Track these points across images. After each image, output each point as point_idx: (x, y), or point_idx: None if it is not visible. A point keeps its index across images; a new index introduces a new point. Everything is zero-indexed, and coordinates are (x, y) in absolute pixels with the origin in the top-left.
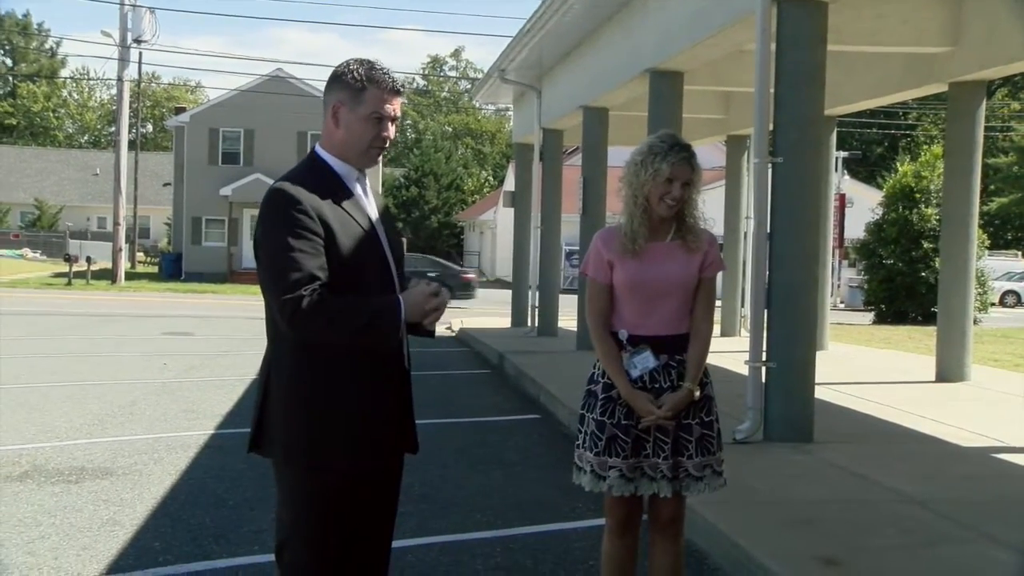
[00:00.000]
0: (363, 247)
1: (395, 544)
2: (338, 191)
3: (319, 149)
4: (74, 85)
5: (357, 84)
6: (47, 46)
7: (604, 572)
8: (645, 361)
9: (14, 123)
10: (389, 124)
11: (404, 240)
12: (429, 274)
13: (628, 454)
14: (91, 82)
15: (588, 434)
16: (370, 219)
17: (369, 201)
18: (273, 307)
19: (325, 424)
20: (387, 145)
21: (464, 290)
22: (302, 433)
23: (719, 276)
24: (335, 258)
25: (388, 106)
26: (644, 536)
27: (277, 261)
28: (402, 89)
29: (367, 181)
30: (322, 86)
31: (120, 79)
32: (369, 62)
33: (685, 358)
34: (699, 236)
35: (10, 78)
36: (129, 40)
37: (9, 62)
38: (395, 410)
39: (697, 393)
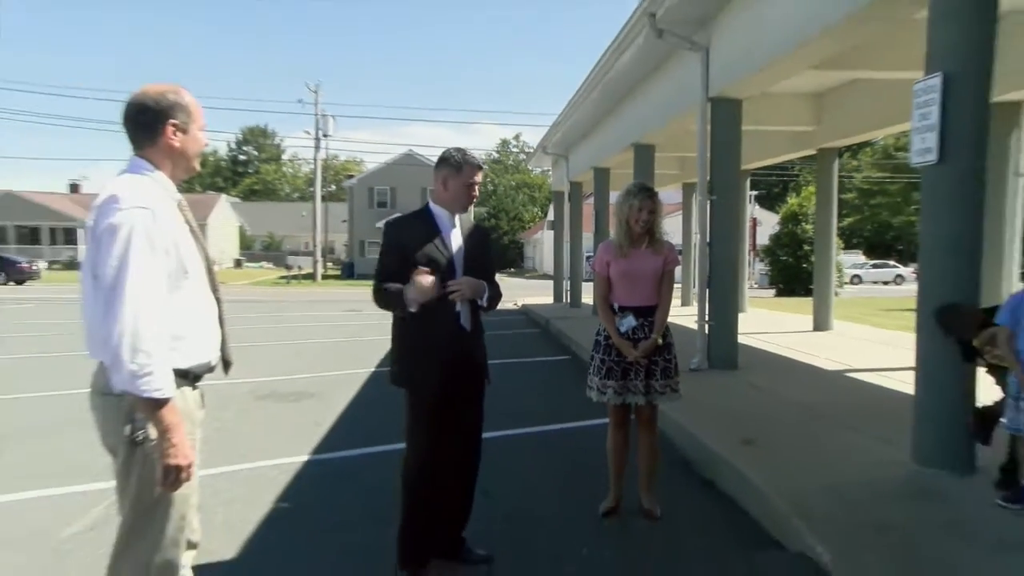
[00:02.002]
0: (435, 261)
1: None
2: (428, 226)
3: (431, 201)
4: (289, 164)
5: (456, 164)
6: (275, 142)
7: (609, 451)
8: (629, 322)
9: (258, 188)
10: (476, 188)
11: (487, 252)
12: None
13: (619, 378)
14: (298, 161)
15: (595, 366)
16: (447, 244)
17: (455, 233)
18: None
19: (405, 360)
20: (475, 198)
21: (20, 276)
22: (398, 365)
23: (678, 269)
24: (411, 267)
25: (476, 177)
26: (634, 434)
27: (377, 262)
28: (482, 165)
29: (457, 219)
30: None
31: (315, 159)
32: (461, 150)
33: (653, 320)
34: (662, 245)
35: (256, 163)
36: (320, 135)
37: (256, 152)
38: (444, 352)
39: (660, 341)
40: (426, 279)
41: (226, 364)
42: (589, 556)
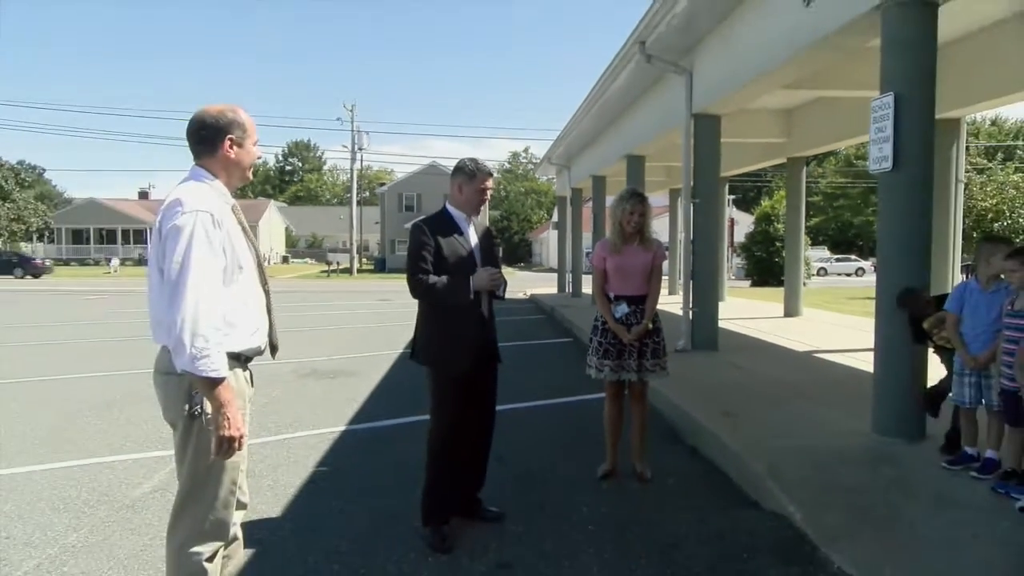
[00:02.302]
0: (460, 255)
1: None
2: (450, 226)
3: (448, 204)
4: (329, 173)
5: (470, 172)
6: (317, 154)
7: (606, 422)
8: (623, 309)
9: (302, 195)
10: (488, 192)
11: (500, 249)
12: (12, 260)
13: (614, 358)
14: (337, 171)
15: (593, 348)
16: (468, 240)
17: (471, 231)
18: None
19: (434, 344)
20: (486, 201)
21: (36, 271)
22: (427, 348)
23: (665, 263)
24: (441, 260)
25: (487, 183)
26: (627, 408)
27: (409, 257)
28: (492, 173)
29: (472, 219)
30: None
31: (351, 169)
32: (475, 160)
33: (644, 308)
34: (652, 243)
35: (300, 172)
36: (355, 148)
37: (300, 163)
38: (473, 337)
39: (650, 326)
40: (493, 279)
41: (273, 348)
42: (588, 513)
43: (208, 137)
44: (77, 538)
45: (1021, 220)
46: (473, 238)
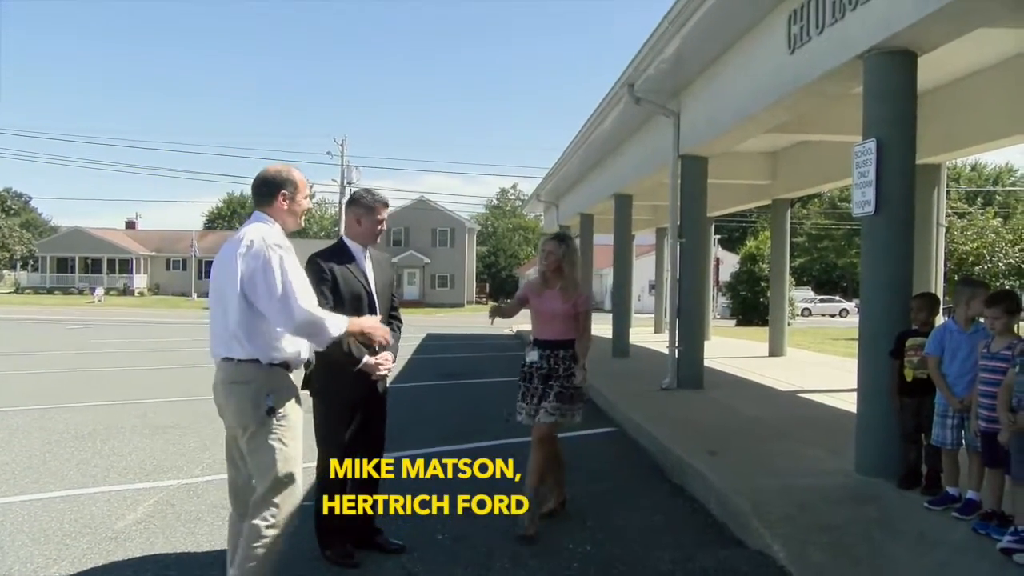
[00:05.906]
0: (354, 288)
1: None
2: (346, 257)
3: (344, 236)
4: (317, 207)
5: (368, 205)
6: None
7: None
8: (532, 356)
9: None
10: (384, 223)
11: (394, 283)
12: None
13: (526, 400)
14: (325, 204)
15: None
16: (364, 272)
17: (368, 263)
18: None
19: (319, 376)
20: (382, 232)
21: None
22: (313, 379)
23: (650, 300)
24: (337, 292)
25: (383, 214)
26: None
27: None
28: (388, 203)
29: (369, 251)
30: (446, 208)
31: (340, 203)
32: (371, 191)
33: (558, 353)
34: (572, 291)
35: None
36: (345, 183)
37: None
38: (353, 375)
39: (577, 378)
40: (378, 369)
41: (307, 365)
42: (573, 550)
43: (267, 191)
44: (58, 570)
45: (1001, 264)
46: (369, 271)
